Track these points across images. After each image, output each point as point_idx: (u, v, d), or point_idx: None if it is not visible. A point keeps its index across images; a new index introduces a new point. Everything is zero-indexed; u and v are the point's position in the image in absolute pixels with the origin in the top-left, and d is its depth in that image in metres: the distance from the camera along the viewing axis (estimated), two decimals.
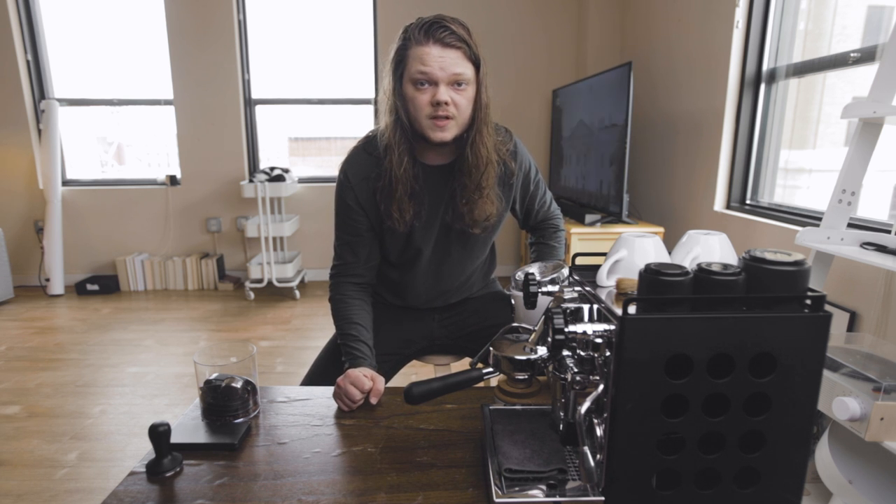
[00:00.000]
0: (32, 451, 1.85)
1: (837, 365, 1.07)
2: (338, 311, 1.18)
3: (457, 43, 1.03)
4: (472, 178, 1.11)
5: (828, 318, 0.55)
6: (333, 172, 4.19)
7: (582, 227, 2.74)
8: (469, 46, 1.05)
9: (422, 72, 1.02)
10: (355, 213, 1.17)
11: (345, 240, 1.20)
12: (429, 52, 1.01)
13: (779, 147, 2.32)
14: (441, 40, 1.01)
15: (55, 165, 3.74)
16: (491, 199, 1.15)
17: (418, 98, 1.04)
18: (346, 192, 1.16)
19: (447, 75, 1.02)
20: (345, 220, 1.18)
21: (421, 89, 1.03)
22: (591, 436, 0.64)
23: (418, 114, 1.05)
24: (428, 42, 1.01)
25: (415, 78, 1.03)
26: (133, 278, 3.94)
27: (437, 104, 1.03)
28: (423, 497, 0.70)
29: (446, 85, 1.03)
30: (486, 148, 1.10)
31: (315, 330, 3.09)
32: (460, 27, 1.05)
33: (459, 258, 1.25)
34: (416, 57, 1.02)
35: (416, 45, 1.02)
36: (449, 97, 1.03)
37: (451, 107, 1.04)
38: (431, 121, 1.04)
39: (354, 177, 1.15)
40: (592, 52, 3.64)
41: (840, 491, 1.05)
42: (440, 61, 1.01)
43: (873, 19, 1.87)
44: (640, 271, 0.58)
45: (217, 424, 0.86)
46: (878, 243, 1.28)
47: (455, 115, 1.05)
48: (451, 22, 1.04)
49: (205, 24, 3.71)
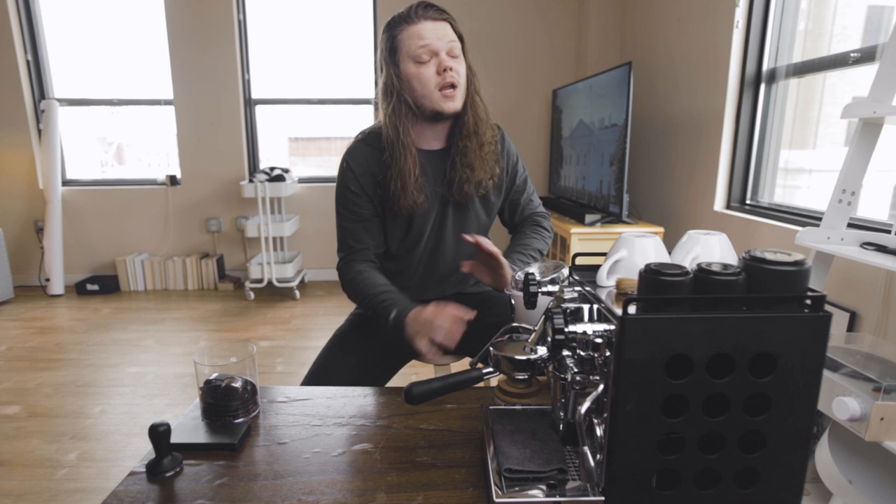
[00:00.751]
0: (32, 451, 1.85)
1: (837, 365, 1.07)
2: (359, 282, 1.17)
3: (444, 16, 1.10)
4: (472, 142, 1.16)
5: (828, 318, 0.55)
6: (334, 172, 4.19)
7: (582, 227, 2.74)
8: (452, 21, 1.12)
9: (421, 45, 1.07)
10: (359, 198, 1.18)
11: (349, 228, 1.21)
12: (423, 26, 1.08)
13: (779, 147, 2.32)
14: (430, 16, 1.09)
15: (55, 165, 3.74)
16: (493, 157, 1.21)
17: (423, 72, 1.09)
18: (349, 180, 1.18)
19: (445, 44, 1.09)
20: (349, 207, 1.20)
21: (424, 63, 1.09)
22: (591, 436, 0.64)
23: (426, 88, 1.10)
24: (419, 19, 1.08)
25: (415, 53, 1.08)
26: (133, 278, 3.94)
27: (444, 71, 1.08)
28: (423, 497, 0.70)
29: (445, 54, 1.09)
30: (481, 109, 1.17)
31: (315, 330, 3.09)
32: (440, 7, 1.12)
33: (456, 241, 1.26)
34: (411, 35, 1.08)
35: (407, 26, 1.09)
36: (452, 64, 1.09)
37: (455, 74, 1.10)
38: (440, 92, 1.10)
39: (357, 167, 1.18)
40: (592, 52, 3.64)
41: (840, 491, 1.05)
42: (436, 32, 1.08)
43: (873, 19, 1.87)
44: (640, 271, 0.58)
45: (217, 424, 0.86)
46: (878, 243, 1.28)
47: (459, 82, 1.11)
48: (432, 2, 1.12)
49: (205, 24, 3.71)
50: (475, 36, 3.71)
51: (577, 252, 1.04)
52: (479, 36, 3.73)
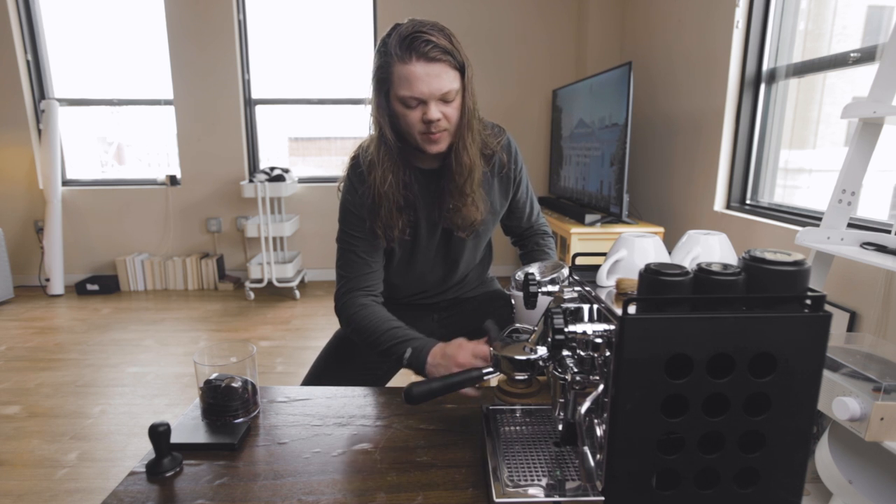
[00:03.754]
0: (32, 451, 1.85)
1: (837, 365, 1.07)
2: (366, 317, 1.11)
3: (440, 56, 0.97)
4: (455, 184, 1.10)
5: (828, 318, 0.55)
6: (333, 172, 4.20)
7: (582, 227, 2.74)
8: (453, 55, 0.98)
9: (409, 96, 0.98)
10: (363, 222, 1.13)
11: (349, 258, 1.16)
12: (413, 70, 0.96)
13: (779, 147, 2.32)
14: (424, 55, 0.96)
15: (55, 165, 3.74)
16: (476, 205, 1.13)
17: (409, 116, 1.01)
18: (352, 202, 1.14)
19: (436, 92, 0.98)
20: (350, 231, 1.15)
21: (410, 108, 1.00)
22: (591, 436, 0.65)
23: (411, 130, 1.03)
24: (411, 59, 0.96)
25: (402, 97, 0.99)
26: (133, 278, 3.94)
27: (428, 122, 1.00)
28: (422, 497, 0.70)
29: (435, 102, 0.99)
30: (469, 154, 1.08)
31: (315, 330, 3.09)
32: (440, 36, 0.98)
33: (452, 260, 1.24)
34: (401, 77, 0.98)
35: (399, 63, 0.97)
36: (440, 113, 1.00)
37: (443, 121, 1.01)
38: (425, 136, 1.03)
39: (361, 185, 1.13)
40: (592, 52, 3.64)
41: (840, 491, 1.05)
42: (426, 79, 0.97)
43: (873, 19, 1.87)
44: (640, 271, 0.58)
45: (217, 424, 0.86)
46: (878, 243, 1.28)
47: (447, 127, 1.03)
48: (430, 31, 0.97)
49: (205, 24, 3.71)
50: (475, 36, 3.72)
51: (577, 252, 1.03)
52: (479, 36, 3.73)
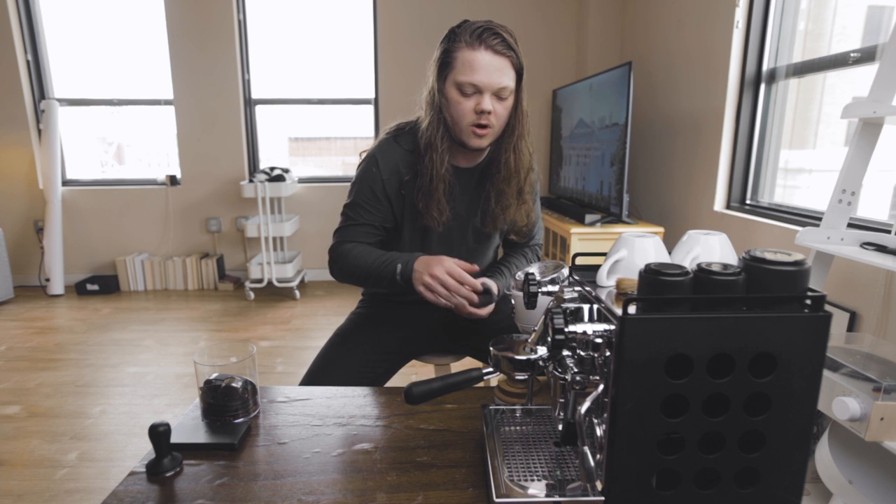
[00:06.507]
0: (32, 451, 1.85)
1: (837, 365, 1.07)
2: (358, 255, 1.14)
3: (506, 51, 1.03)
4: (510, 185, 1.12)
5: (828, 318, 0.55)
6: (333, 172, 4.20)
7: (582, 227, 2.74)
8: (517, 54, 1.05)
9: (470, 81, 1.03)
10: (380, 203, 1.16)
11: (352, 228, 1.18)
12: (479, 57, 1.02)
13: (779, 147, 2.32)
14: (492, 47, 1.02)
15: (55, 165, 3.74)
16: (529, 205, 1.17)
17: (462, 104, 1.05)
18: (375, 181, 1.15)
19: (495, 85, 1.03)
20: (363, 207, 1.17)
21: (465, 95, 1.04)
22: (591, 436, 0.65)
23: (460, 119, 1.06)
24: (479, 47, 1.02)
25: (461, 82, 1.03)
26: (133, 278, 3.94)
27: (480, 112, 1.04)
28: (422, 497, 0.70)
29: (491, 94, 1.04)
30: (527, 155, 1.12)
31: (315, 330, 3.09)
32: (510, 35, 1.05)
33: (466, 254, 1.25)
34: (465, 61, 1.03)
35: (466, 48, 1.02)
36: (491, 107, 1.04)
37: (493, 116, 1.05)
38: (472, 128, 1.06)
39: (385, 168, 1.15)
40: (592, 52, 3.64)
41: (840, 491, 1.05)
42: (489, 70, 1.02)
43: (873, 19, 1.87)
44: (640, 271, 0.58)
45: (217, 424, 0.86)
46: (878, 243, 1.28)
47: (494, 124, 1.07)
48: (501, 29, 1.04)
49: (205, 24, 3.71)
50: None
51: (577, 252, 1.04)
52: None
